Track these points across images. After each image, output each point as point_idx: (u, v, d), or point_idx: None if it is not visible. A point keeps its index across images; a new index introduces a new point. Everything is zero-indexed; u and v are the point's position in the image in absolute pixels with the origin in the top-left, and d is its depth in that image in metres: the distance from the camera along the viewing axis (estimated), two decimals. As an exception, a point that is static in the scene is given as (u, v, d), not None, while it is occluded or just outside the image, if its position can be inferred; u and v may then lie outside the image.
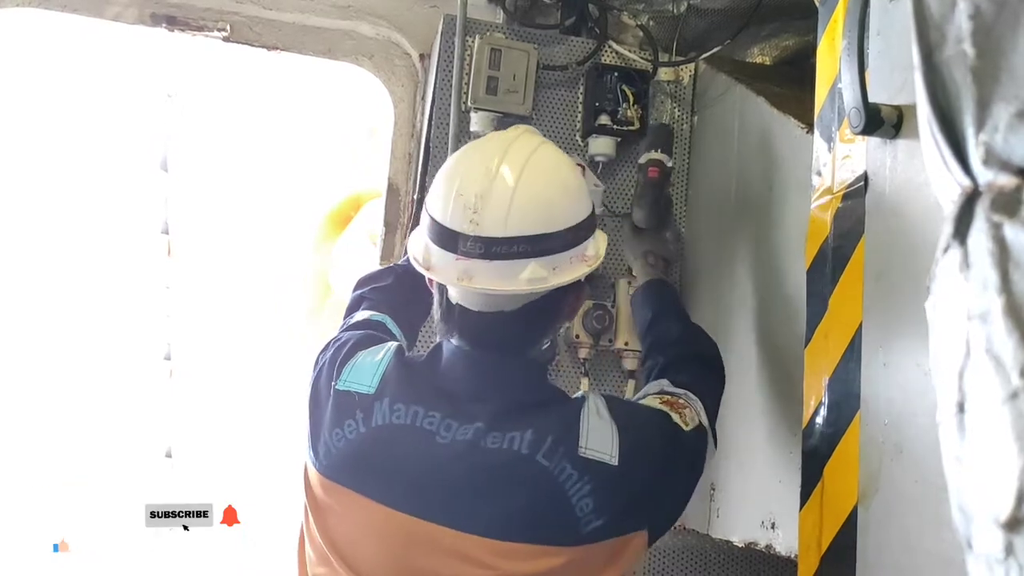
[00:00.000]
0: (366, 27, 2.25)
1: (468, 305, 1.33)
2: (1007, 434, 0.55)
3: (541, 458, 1.25)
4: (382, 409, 1.32)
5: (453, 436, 1.28)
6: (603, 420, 1.30)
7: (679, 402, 1.42)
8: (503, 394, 1.31)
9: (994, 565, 0.57)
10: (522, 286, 1.28)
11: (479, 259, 1.27)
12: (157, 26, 2.18)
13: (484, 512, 1.25)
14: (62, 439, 3.78)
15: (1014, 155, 0.57)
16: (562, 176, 1.35)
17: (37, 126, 3.66)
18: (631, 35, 2.21)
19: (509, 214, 1.27)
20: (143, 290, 3.98)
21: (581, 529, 1.25)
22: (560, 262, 1.30)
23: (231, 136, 3.75)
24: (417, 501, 1.27)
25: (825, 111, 1.43)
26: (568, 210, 1.33)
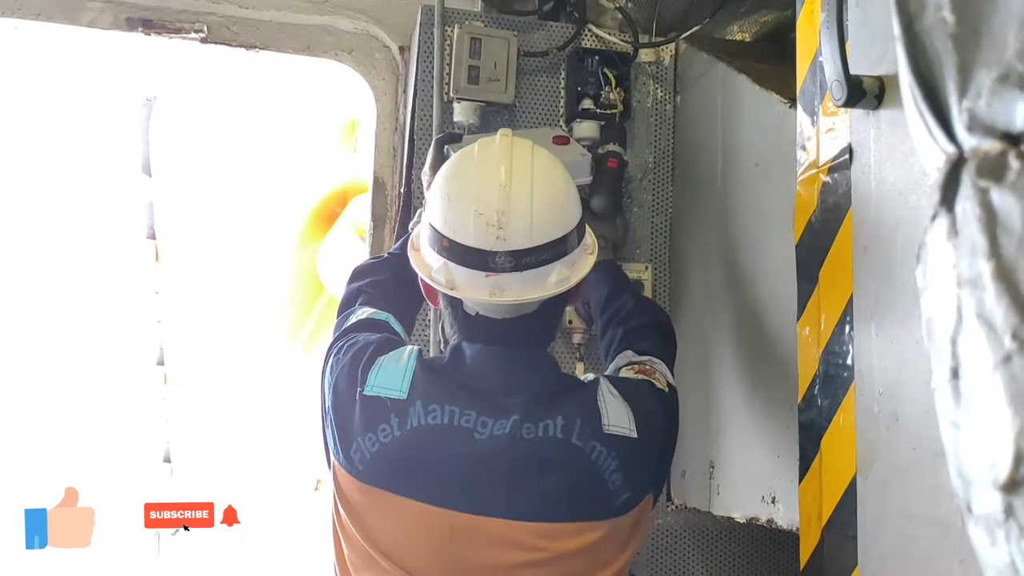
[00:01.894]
0: (344, 22, 2.24)
1: (491, 314, 1.38)
2: (1002, 397, 0.55)
3: (576, 440, 1.33)
4: (417, 412, 1.35)
5: (491, 431, 1.33)
6: (616, 398, 1.38)
7: (648, 368, 1.51)
8: (531, 386, 1.37)
9: (994, 527, 0.57)
10: (551, 290, 1.34)
11: (510, 272, 1.31)
12: (133, 30, 2.16)
13: (528, 498, 1.32)
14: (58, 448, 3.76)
15: (998, 120, 0.57)
16: (563, 176, 1.42)
17: (17, 136, 3.63)
18: (610, 18, 2.20)
19: (533, 225, 1.32)
20: (132, 296, 3.96)
21: (614, 502, 1.34)
22: (576, 258, 1.39)
23: (213, 138, 3.73)
24: (462, 496, 1.32)
25: (807, 85, 1.44)
26: (573, 206, 1.40)
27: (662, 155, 2.22)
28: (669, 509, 2.18)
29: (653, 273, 2.16)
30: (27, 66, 3.18)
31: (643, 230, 2.20)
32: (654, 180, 2.22)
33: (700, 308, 2.08)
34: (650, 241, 2.21)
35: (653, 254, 2.20)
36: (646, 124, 2.21)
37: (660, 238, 2.21)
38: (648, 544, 2.17)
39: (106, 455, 3.81)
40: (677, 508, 2.17)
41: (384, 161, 2.25)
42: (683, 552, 2.19)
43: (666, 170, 2.23)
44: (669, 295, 2.19)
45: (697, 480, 2.07)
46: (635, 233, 2.18)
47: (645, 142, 2.21)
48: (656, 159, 2.22)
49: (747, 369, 1.88)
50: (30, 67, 3.18)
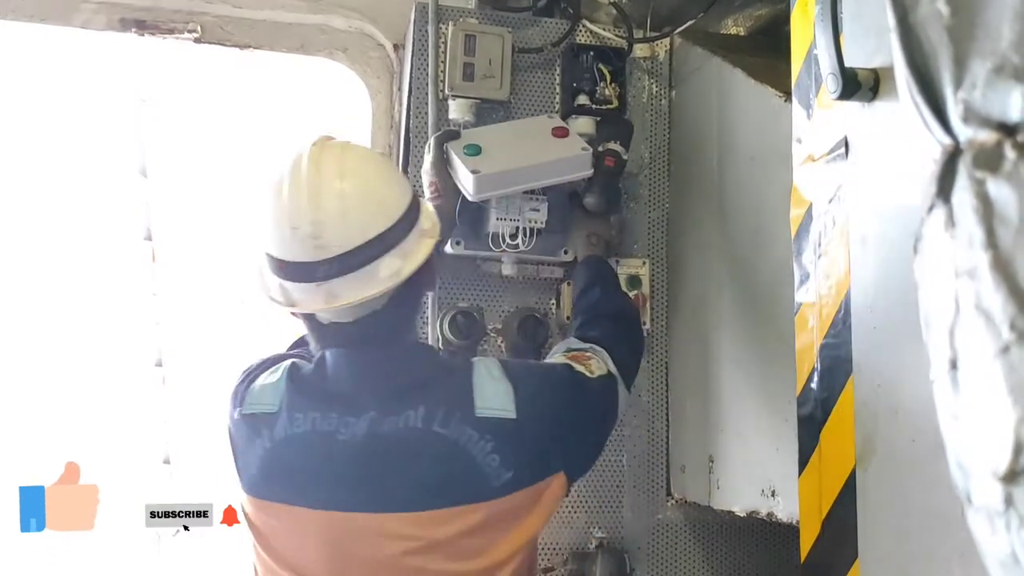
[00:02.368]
0: (338, 20, 2.24)
1: (340, 319, 1.40)
2: (1001, 388, 0.56)
3: (437, 427, 1.34)
4: (283, 422, 1.40)
5: (352, 431, 1.36)
6: (495, 380, 1.40)
7: (584, 355, 1.53)
8: (389, 382, 1.39)
9: (994, 518, 0.58)
10: (385, 284, 1.34)
11: (337, 277, 1.32)
12: (127, 31, 2.16)
13: (396, 490, 1.35)
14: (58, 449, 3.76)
15: (993, 111, 0.57)
16: (378, 168, 1.43)
17: (13, 138, 3.62)
18: (604, 13, 2.20)
19: (348, 226, 1.33)
20: (130, 298, 3.95)
21: (492, 483, 1.34)
22: (408, 246, 1.38)
23: (209, 138, 3.73)
24: (335, 497, 1.36)
25: (802, 78, 1.44)
26: (397, 197, 1.39)
27: (658, 150, 2.22)
28: (669, 504, 2.18)
29: (651, 268, 2.16)
30: (22, 68, 3.17)
31: (640, 225, 2.20)
32: (650, 175, 2.22)
33: (698, 303, 2.08)
34: (647, 236, 2.20)
35: (650, 249, 2.20)
36: (641, 119, 2.21)
37: (657, 233, 2.21)
38: (648, 539, 2.17)
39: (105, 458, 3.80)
40: (677, 503, 2.18)
41: (380, 159, 2.25)
42: (683, 546, 2.20)
43: (662, 165, 2.22)
44: (667, 290, 2.19)
45: (697, 475, 2.07)
46: (632, 229, 2.18)
47: (641, 137, 2.21)
48: (652, 154, 2.22)
49: (745, 363, 1.89)
50: (25, 69, 3.17)
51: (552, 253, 1.99)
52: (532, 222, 1.89)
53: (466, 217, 1.88)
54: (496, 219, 1.88)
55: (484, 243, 1.92)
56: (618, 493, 2.16)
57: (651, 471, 2.18)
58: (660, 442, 2.19)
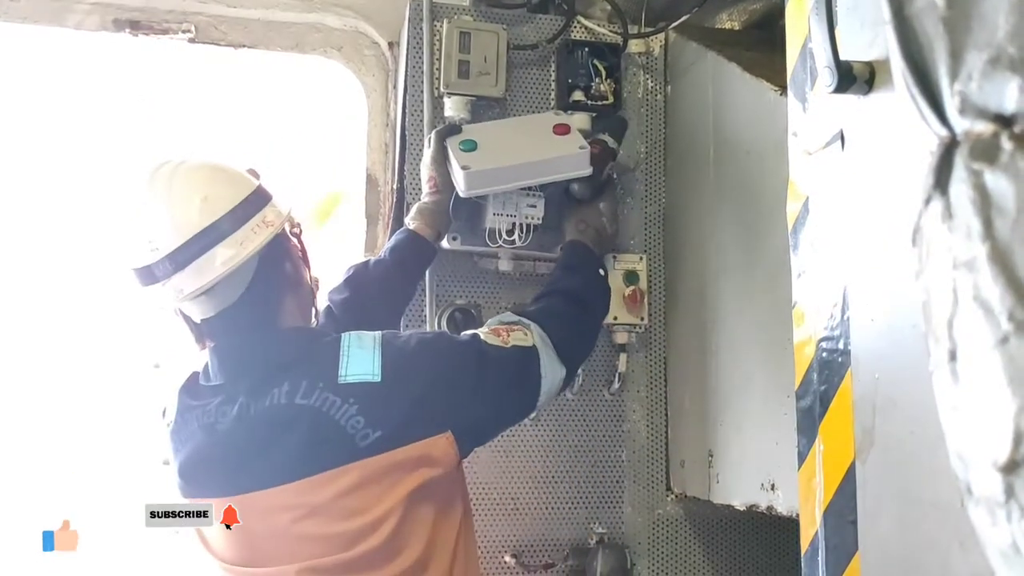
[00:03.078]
0: (332, 19, 2.23)
1: (207, 315, 1.50)
2: (1000, 378, 0.56)
3: (300, 399, 1.43)
4: (177, 426, 1.54)
5: (229, 419, 1.47)
6: (365, 349, 1.47)
7: (508, 327, 1.60)
8: (255, 366, 1.49)
9: (995, 508, 0.58)
10: (219, 270, 1.43)
11: (176, 273, 1.43)
12: (120, 32, 2.15)
13: (271, 465, 1.44)
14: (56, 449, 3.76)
15: (990, 102, 0.57)
16: (207, 174, 1.51)
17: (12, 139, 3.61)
18: (599, 9, 2.20)
19: (175, 224, 1.44)
20: (128, 299, 3.94)
21: (358, 443, 1.41)
22: (245, 236, 1.46)
23: (205, 139, 3.72)
24: (224, 483, 1.48)
25: (797, 72, 1.43)
26: (225, 195, 1.48)
27: (654, 145, 2.22)
28: (668, 498, 2.19)
29: (648, 263, 2.16)
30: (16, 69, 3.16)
31: (637, 220, 2.20)
32: (647, 171, 2.22)
33: (695, 297, 2.08)
34: (644, 231, 2.21)
35: (647, 244, 2.20)
36: (637, 115, 2.21)
37: (654, 228, 2.21)
38: (648, 534, 2.17)
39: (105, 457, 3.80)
40: (677, 497, 2.18)
41: (376, 158, 2.25)
42: (683, 540, 2.20)
43: (658, 160, 2.22)
44: (664, 285, 2.20)
45: (696, 469, 2.07)
46: (629, 224, 2.19)
47: (637, 133, 2.21)
48: (648, 149, 2.22)
49: (744, 357, 1.89)
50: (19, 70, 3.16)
51: (549, 249, 1.98)
52: (529, 218, 1.89)
53: (462, 212, 1.88)
54: (493, 215, 1.88)
55: (481, 239, 1.92)
56: (618, 488, 2.16)
57: (651, 466, 2.18)
58: (659, 437, 2.19)
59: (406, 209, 1.98)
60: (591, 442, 2.14)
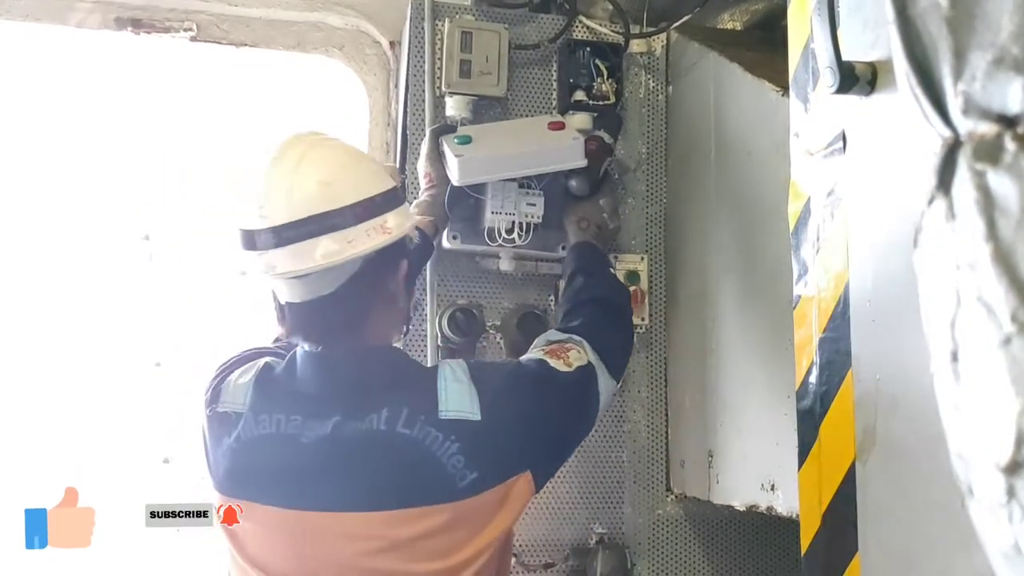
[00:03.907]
0: (334, 18, 2.23)
1: (293, 299, 1.43)
2: (1003, 379, 0.56)
3: (402, 428, 1.36)
4: (248, 423, 1.43)
5: (316, 434, 1.38)
6: (461, 383, 1.41)
7: (563, 347, 1.53)
8: (353, 385, 1.41)
9: (996, 509, 0.58)
10: (317, 262, 1.35)
11: (275, 248, 1.36)
12: (122, 30, 2.15)
13: (359, 490, 1.37)
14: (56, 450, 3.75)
15: (993, 102, 0.57)
16: (341, 160, 1.43)
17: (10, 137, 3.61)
18: (601, 9, 2.20)
19: (291, 199, 1.36)
20: (128, 298, 3.94)
21: (457, 484, 1.35)
22: (355, 235, 1.38)
23: (206, 137, 3.72)
24: (299, 497, 1.39)
25: (799, 72, 1.43)
26: (353, 186, 1.40)
27: (655, 145, 2.22)
28: (669, 499, 2.19)
29: (649, 264, 2.16)
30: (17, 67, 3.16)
31: (638, 221, 2.20)
32: (648, 171, 2.22)
33: (696, 297, 2.08)
34: (645, 232, 2.21)
35: (648, 245, 2.20)
36: (638, 115, 2.21)
37: (655, 228, 2.21)
38: (648, 534, 2.17)
39: (105, 457, 3.80)
40: (677, 497, 2.18)
41: (377, 156, 2.25)
42: (683, 541, 2.20)
43: (659, 160, 2.22)
44: (665, 285, 2.20)
45: (696, 469, 2.07)
46: (630, 224, 2.18)
47: (638, 133, 2.21)
48: (649, 150, 2.22)
49: (744, 358, 1.89)
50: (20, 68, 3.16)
51: (550, 249, 1.98)
52: (528, 217, 1.89)
53: (460, 210, 1.88)
54: (491, 213, 1.87)
55: (481, 238, 1.92)
56: (618, 489, 2.16)
57: (651, 466, 2.18)
58: (659, 437, 2.19)
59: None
60: (591, 442, 2.14)
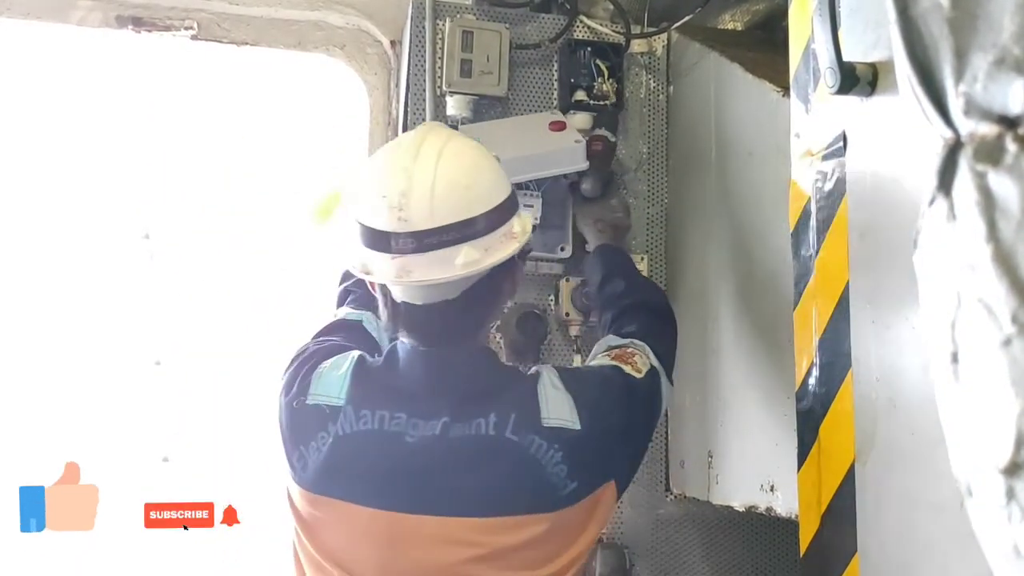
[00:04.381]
0: (335, 16, 2.23)
1: (412, 300, 1.38)
2: (1003, 380, 0.56)
3: (510, 434, 1.33)
4: (349, 418, 1.37)
5: (421, 433, 1.34)
6: (558, 391, 1.39)
7: (627, 352, 1.51)
8: (460, 386, 1.38)
9: (996, 510, 0.58)
10: (458, 271, 1.32)
11: (413, 253, 1.31)
12: (123, 28, 2.15)
13: (462, 494, 1.32)
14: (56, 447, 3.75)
15: (994, 103, 0.57)
16: (476, 161, 1.40)
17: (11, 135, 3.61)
18: (601, 8, 2.20)
19: (434, 205, 1.31)
20: (128, 296, 3.95)
21: (559, 493, 1.33)
22: (491, 242, 1.35)
23: (206, 135, 3.72)
24: (397, 498, 1.34)
25: (800, 73, 1.43)
26: (488, 192, 1.37)
27: (656, 145, 2.22)
28: (668, 499, 2.18)
29: (649, 263, 2.16)
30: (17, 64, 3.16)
31: (638, 221, 2.20)
32: (648, 171, 2.22)
33: (696, 298, 2.08)
34: (646, 232, 2.21)
35: (649, 244, 2.20)
36: (639, 115, 2.21)
37: (656, 228, 2.21)
38: (647, 534, 2.17)
39: (104, 454, 3.79)
40: (676, 498, 2.18)
41: (377, 156, 2.25)
42: (682, 541, 2.20)
43: (660, 160, 2.22)
44: (665, 285, 2.19)
45: (696, 469, 2.07)
46: (632, 223, 2.18)
47: (639, 133, 2.21)
48: (650, 149, 2.22)
49: (744, 358, 1.89)
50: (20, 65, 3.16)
51: (550, 249, 1.98)
52: None
53: None
54: None
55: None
56: (617, 488, 2.16)
57: (650, 466, 2.18)
58: (659, 437, 2.19)
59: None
60: (591, 442, 2.13)
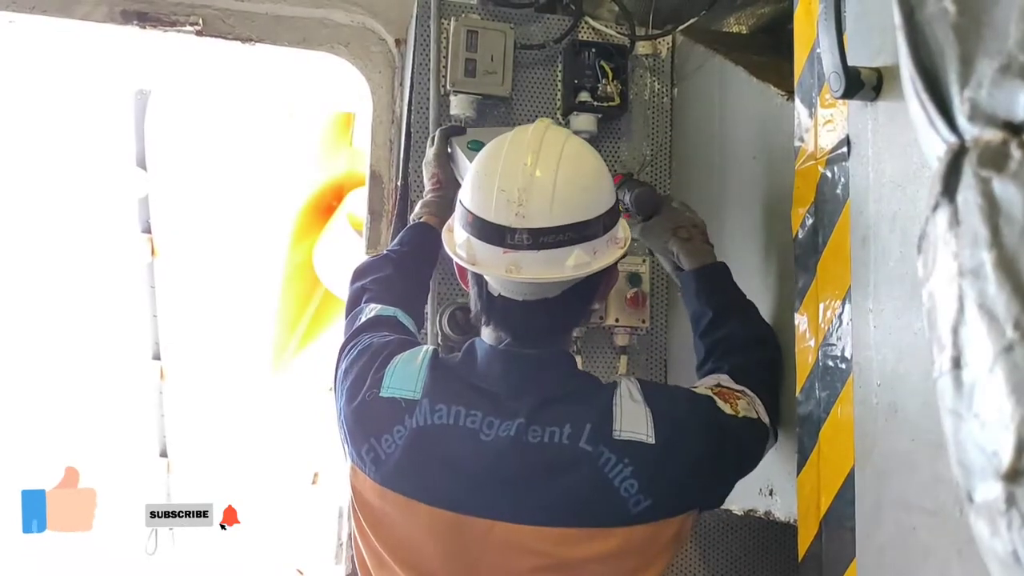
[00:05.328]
0: (340, 14, 2.23)
1: (512, 295, 1.37)
2: (1004, 387, 0.55)
3: (584, 444, 1.30)
4: (424, 411, 1.35)
5: (496, 433, 1.32)
6: (636, 403, 1.35)
7: (734, 393, 1.45)
8: (540, 389, 1.35)
9: (996, 517, 0.58)
10: (568, 272, 1.32)
11: (527, 250, 1.31)
12: (128, 23, 2.15)
13: (533, 502, 1.29)
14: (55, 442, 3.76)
15: (999, 109, 0.57)
16: (594, 165, 1.41)
17: (11, 130, 3.61)
18: (607, 10, 2.20)
19: (553, 204, 1.31)
20: (128, 291, 3.95)
21: (630, 509, 1.29)
22: (599, 247, 1.36)
23: (208, 131, 3.72)
24: (466, 498, 1.32)
25: (805, 77, 1.43)
26: (602, 197, 1.38)
27: (660, 148, 2.22)
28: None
29: (651, 266, 2.16)
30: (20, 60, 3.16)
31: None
32: (652, 173, 2.22)
33: (697, 301, 2.07)
34: (647, 234, 2.20)
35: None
36: (643, 117, 2.21)
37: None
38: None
39: (103, 450, 3.80)
40: (675, 500, 2.17)
41: (381, 154, 2.25)
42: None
43: (664, 163, 2.22)
44: (667, 288, 2.19)
45: (695, 472, 2.07)
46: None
47: (643, 135, 2.21)
48: (653, 152, 2.22)
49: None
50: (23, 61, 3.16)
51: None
52: None
53: None
54: None
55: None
56: (616, 490, 2.15)
57: (649, 469, 2.18)
58: (658, 440, 2.19)
59: (410, 206, 1.98)
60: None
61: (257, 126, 3.64)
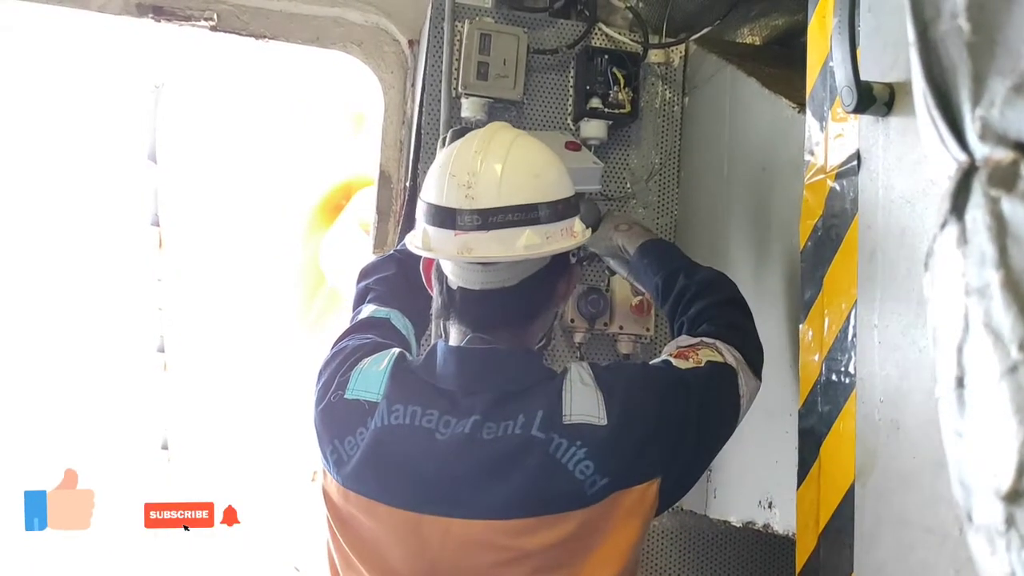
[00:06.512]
0: (354, 14, 2.24)
1: (469, 286, 1.38)
2: (1007, 407, 0.55)
3: (536, 432, 1.30)
4: (381, 412, 1.36)
5: (451, 431, 1.32)
6: (587, 387, 1.35)
7: (691, 348, 1.46)
8: (496, 385, 1.35)
9: (995, 537, 0.57)
10: (519, 252, 1.34)
11: (477, 231, 1.33)
12: (143, 17, 2.16)
13: (488, 497, 1.30)
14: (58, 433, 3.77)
15: (1011, 129, 0.57)
16: (545, 154, 1.44)
17: (23, 120, 3.62)
18: (620, 17, 2.20)
19: (501, 185, 1.34)
20: (134, 283, 3.96)
21: (586, 491, 1.29)
22: (552, 232, 1.37)
23: (220, 126, 3.73)
24: (424, 498, 1.32)
25: (817, 90, 1.43)
26: (555, 184, 1.40)
27: (669, 156, 2.22)
28: (665, 512, 2.18)
29: (656, 274, 2.16)
30: (35, 51, 3.18)
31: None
32: (660, 181, 2.22)
33: (702, 311, 2.07)
34: (654, 242, 2.20)
35: (657, 255, 2.20)
36: (654, 125, 2.21)
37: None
38: (644, 546, 2.16)
39: (105, 441, 3.81)
40: (673, 511, 2.17)
41: (390, 155, 2.25)
42: (678, 555, 2.19)
43: (672, 171, 2.22)
44: (672, 297, 2.19)
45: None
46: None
47: (652, 143, 2.21)
48: (663, 160, 2.22)
49: (748, 373, 1.88)
50: (38, 52, 3.18)
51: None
52: None
53: None
54: None
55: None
56: (615, 498, 2.15)
57: (649, 477, 2.18)
58: (659, 448, 2.19)
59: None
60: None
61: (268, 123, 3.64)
